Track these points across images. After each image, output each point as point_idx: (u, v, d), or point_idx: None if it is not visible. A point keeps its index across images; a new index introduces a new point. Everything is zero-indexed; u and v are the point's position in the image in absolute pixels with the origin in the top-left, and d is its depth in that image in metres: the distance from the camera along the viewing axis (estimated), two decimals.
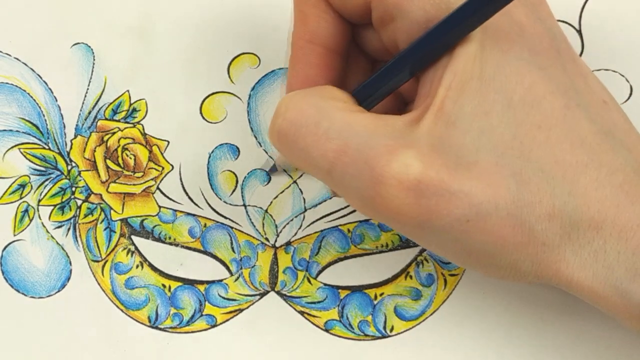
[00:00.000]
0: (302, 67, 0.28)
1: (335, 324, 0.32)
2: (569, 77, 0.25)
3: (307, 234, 0.33)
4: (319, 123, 0.24)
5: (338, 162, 0.24)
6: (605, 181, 0.24)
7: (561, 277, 0.24)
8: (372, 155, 0.23)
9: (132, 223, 0.33)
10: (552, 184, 0.23)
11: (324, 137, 0.24)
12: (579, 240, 0.24)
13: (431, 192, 0.22)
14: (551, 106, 0.24)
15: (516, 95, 0.24)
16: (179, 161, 0.34)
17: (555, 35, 0.26)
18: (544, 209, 0.23)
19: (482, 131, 0.23)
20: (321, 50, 0.27)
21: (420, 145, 0.23)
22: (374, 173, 0.23)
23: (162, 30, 0.35)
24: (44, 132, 0.34)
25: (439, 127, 0.23)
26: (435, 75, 0.24)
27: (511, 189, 0.23)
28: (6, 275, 0.32)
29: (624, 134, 0.25)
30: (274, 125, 0.25)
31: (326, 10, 0.27)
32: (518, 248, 0.23)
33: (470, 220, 0.23)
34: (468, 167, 0.23)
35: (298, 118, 0.24)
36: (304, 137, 0.24)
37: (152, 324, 0.32)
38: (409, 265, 0.33)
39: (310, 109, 0.24)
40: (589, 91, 0.25)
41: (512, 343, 0.32)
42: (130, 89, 0.34)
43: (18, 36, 0.35)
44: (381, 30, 0.26)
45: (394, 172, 0.22)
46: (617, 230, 0.23)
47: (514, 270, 0.24)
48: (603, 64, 0.34)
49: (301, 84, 0.28)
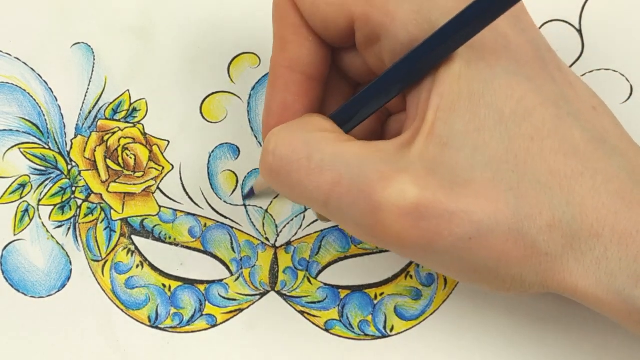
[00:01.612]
0: (281, 95, 0.27)
1: (335, 323, 0.32)
2: (558, 87, 0.25)
3: (308, 234, 0.33)
4: (310, 157, 0.24)
5: (333, 194, 0.24)
6: (602, 189, 0.24)
7: (565, 286, 0.24)
8: (367, 183, 0.23)
9: (133, 223, 0.33)
10: (550, 195, 0.23)
11: (317, 170, 0.24)
12: (580, 248, 0.24)
13: (430, 214, 0.22)
14: (542, 117, 0.24)
15: (507, 108, 0.23)
16: (179, 161, 0.34)
17: (540, 45, 0.26)
18: (544, 220, 0.23)
19: (476, 148, 0.23)
20: (300, 77, 0.27)
21: (415, 168, 0.23)
22: (370, 201, 0.23)
23: (162, 30, 0.35)
24: (44, 132, 0.34)
25: (432, 148, 0.23)
26: (421, 97, 0.24)
27: (510, 203, 0.23)
28: (6, 275, 0.32)
29: (616, 139, 0.25)
30: (264, 162, 0.25)
31: (307, 37, 0.27)
32: (522, 261, 0.23)
33: (473, 238, 0.23)
34: (465, 185, 0.23)
35: (288, 154, 0.24)
36: (296, 171, 0.24)
37: (152, 323, 0.32)
38: (409, 265, 0.33)
39: (299, 143, 0.24)
40: (578, 99, 0.25)
41: (512, 343, 0.32)
42: (130, 88, 0.35)
43: (18, 36, 0.35)
44: (366, 51, 0.26)
45: (391, 198, 0.22)
46: (617, 237, 0.23)
47: (519, 283, 0.24)
48: (603, 64, 0.34)
49: (279, 111, 0.27)
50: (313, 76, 0.27)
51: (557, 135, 0.24)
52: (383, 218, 0.23)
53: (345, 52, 0.28)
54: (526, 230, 0.23)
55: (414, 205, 0.22)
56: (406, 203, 0.22)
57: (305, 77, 0.27)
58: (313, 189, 0.24)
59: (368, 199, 0.23)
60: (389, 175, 0.23)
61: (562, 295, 0.25)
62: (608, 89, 0.27)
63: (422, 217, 0.22)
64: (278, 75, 0.27)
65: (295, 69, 0.27)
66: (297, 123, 0.26)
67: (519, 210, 0.23)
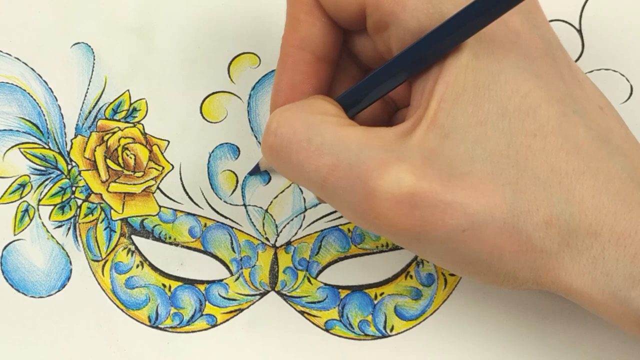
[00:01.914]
0: (290, 74, 0.27)
1: (335, 323, 0.32)
2: (565, 84, 0.25)
3: (308, 234, 0.33)
4: (310, 139, 0.24)
5: (331, 177, 0.24)
6: (602, 189, 0.24)
7: (560, 284, 0.24)
8: (364, 169, 0.23)
9: (133, 223, 0.33)
10: (549, 192, 0.23)
11: (316, 153, 0.24)
12: (577, 246, 0.24)
13: (425, 204, 0.22)
14: (547, 114, 0.24)
15: (511, 104, 0.23)
16: (179, 161, 0.34)
17: (551, 42, 0.26)
18: (541, 216, 0.23)
19: (477, 141, 0.23)
20: (310, 58, 0.27)
21: (413, 157, 0.23)
22: (366, 187, 0.23)
23: (162, 30, 0.35)
24: (44, 132, 0.34)
25: (432, 138, 0.23)
26: (426, 86, 0.24)
27: (507, 198, 0.23)
28: (6, 275, 0.32)
29: (620, 140, 0.25)
30: (265, 141, 0.25)
31: (319, 17, 0.27)
32: (516, 256, 0.23)
33: (466, 230, 0.23)
34: (462, 177, 0.23)
35: (289, 135, 0.24)
36: (296, 153, 0.24)
37: (152, 323, 0.32)
38: (409, 264, 0.33)
39: (301, 125, 0.24)
40: (585, 98, 0.25)
41: (513, 342, 0.32)
42: (130, 88, 0.35)
43: (18, 36, 0.35)
44: (375, 37, 0.26)
45: (386, 186, 0.22)
46: (615, 237, 0.23)
47: (512, 278, 0.24)
48: (603, 64, 0.34)
49: (287, 90, 0.28)
50: (323, 57, 0.27)
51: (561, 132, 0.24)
52: (377, 205, 0.23)
53: (357, 35, 0.28)
54: (522, 226, 0.23)
55: (409, 194, 0.22)
56: (401, 191, 0.22)
57: (315, 58, 0.27)
58: (311, 172, 0.24)
59: (364, 184, 0.23)
60: (386, 163, 0.23)
61: (556, 293, 0.25)
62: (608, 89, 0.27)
63: (417, 206, 0.22)
64: (288, 54, 0.27)
65: (305, 49, 0.27)
66: (302, 104, 0.26)
67: (515, 205, 0.23)
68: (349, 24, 0.27)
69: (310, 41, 0.27)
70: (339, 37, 0.28)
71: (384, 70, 0.25)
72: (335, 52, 0.28)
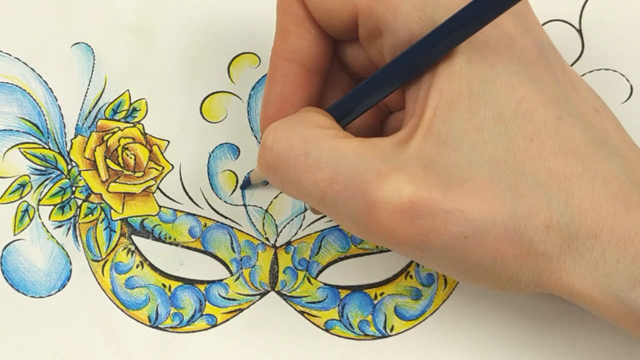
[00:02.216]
0: (280, 86, 0.27)
1: (335, 323, 0.32)
2: (560, 88, 0.25)
3: (308, 234, 0.33)
4: (307, 153, 0.24)
5: (330, 190, 0.24)
6: (601, 191, 0.24)
7: (562, 286, 0.24)
8: (363, 181, 0.23)
9: (132, 223, 0.33)
10: (548, 196, 0.23)
11: (314, 167, 0.24)
12: (578, 249, 0.24)
13: (426, 213, 0.22)
14: (543, 118, 0.24)
15: (507, 108, 0.23)
16: (179, 161, 0.34)
17: (544, 45, 0.26)
18: (542, 220, 0.23)
19: (474, 147, 0.23)
20: (300, 70, 0.27)
21: (411, 166, 0.23)
22: (366, 198, 0.23)
23: (162, 30, 0.35)
24: (44, 132, 0.34)
25: (429, 147, 0.23)
26: (420, 93, 0.24)
27: (507, 203, 0.23)
28: (6, 275, 0.32)
29: (617, 141, 0.25)
30: (262, 157, 0.25)
31: (309, 30, 0.27)
32: (518, 260, 0.23)
33: (468, 237, 0.23)
34: (461, 184, 0.23)
35: (286, 150, 0.24)
36: (294, 168, 0.24)
37: (152, 323, 0.32)
38: (409, 264, 0.33)
39: (298, 139, 0.24)
40: (581, 100, 0.25)
41: (512, 343, 0.32)
42: (130, 88, 0.35)
43: (18, 36, 0.35)
44: (367, 45, 0.26)
45: (386, 196, 0.22)
46: (615, 239, 0.23)
47: (515, 282, 0.24)
48: (603, 64, 0.34)
49: (277, 102, 0.28)
50: (313, 69, 0.27)
51: (558, 136, 0.24)
52: (378, 216, 0.23)
53: (348, 45, 0.28)
54: (523, 230, 0.23)
55: (409, 204, 0.22)
56: (401, 201, 0.22)
57: (304, 70, 0.27)
58: (310, 186, 0.24)
59: (364, 196, 0.23)
60: (385, 173, 0.23)
61: (558, 295, 0.25)
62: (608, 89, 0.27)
63: (417, 215, 0.22)
64: (278, 66, 0.27)
65: (295, 61, 0.27)
66: (296, 118, 0.26)
67: (516, 210, 0.23)
68: (340, 33, 0.27)
69: (300, 53, 0.27)
70: (329, 48, 0.28)
71: (376, 78, 0.25)
72: (326, 63, 0.28)
